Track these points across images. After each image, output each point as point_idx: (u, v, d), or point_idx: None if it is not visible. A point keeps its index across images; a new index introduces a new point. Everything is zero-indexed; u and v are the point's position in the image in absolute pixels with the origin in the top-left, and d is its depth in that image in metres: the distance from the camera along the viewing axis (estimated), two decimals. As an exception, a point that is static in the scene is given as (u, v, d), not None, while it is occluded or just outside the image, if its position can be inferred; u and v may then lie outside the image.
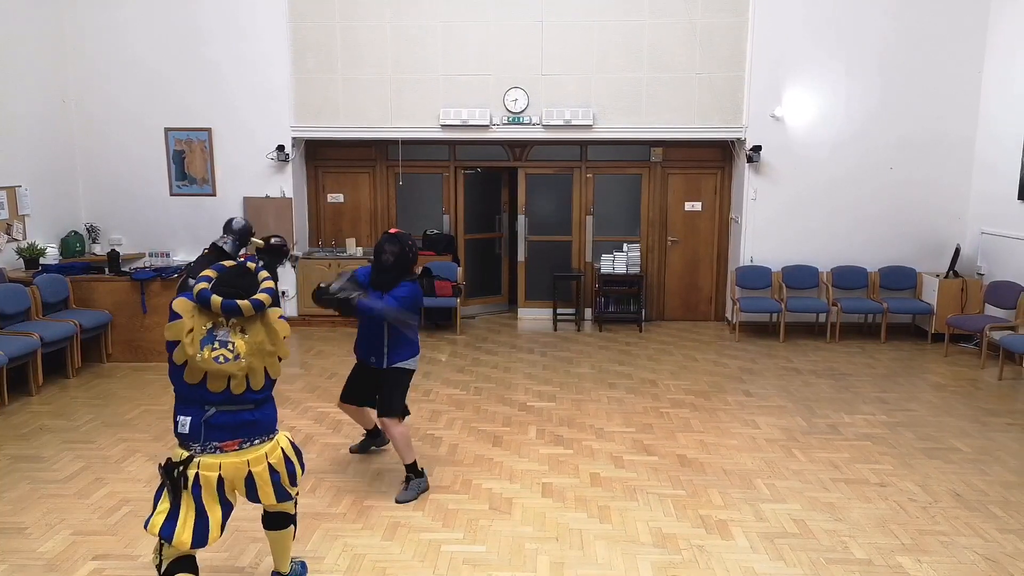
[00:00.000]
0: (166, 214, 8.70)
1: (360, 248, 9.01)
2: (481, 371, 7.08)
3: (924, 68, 8.13)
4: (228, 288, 2.96)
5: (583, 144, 9.02)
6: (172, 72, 8.45)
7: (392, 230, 4.41)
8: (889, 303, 8.11)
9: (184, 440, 2.97)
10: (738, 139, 8.53)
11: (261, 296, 2.98)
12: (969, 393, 6.43)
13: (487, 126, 8.41)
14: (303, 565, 3.55)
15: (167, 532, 2.89)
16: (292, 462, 3.16)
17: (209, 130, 8.57)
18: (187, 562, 3.00)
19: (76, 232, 8.35)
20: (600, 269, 8.87)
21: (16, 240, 7.54)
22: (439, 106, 8.43)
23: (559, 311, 8.99)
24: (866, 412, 5.91)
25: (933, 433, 5.45)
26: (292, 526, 3.36)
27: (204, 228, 8.65)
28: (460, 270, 8.84)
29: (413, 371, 4.49)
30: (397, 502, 4.29)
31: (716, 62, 8.30)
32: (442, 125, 8.43)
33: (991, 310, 7.59)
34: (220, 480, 2.95)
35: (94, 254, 8.35)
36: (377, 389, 4.47)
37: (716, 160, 9.03)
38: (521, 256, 9.39)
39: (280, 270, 8.50)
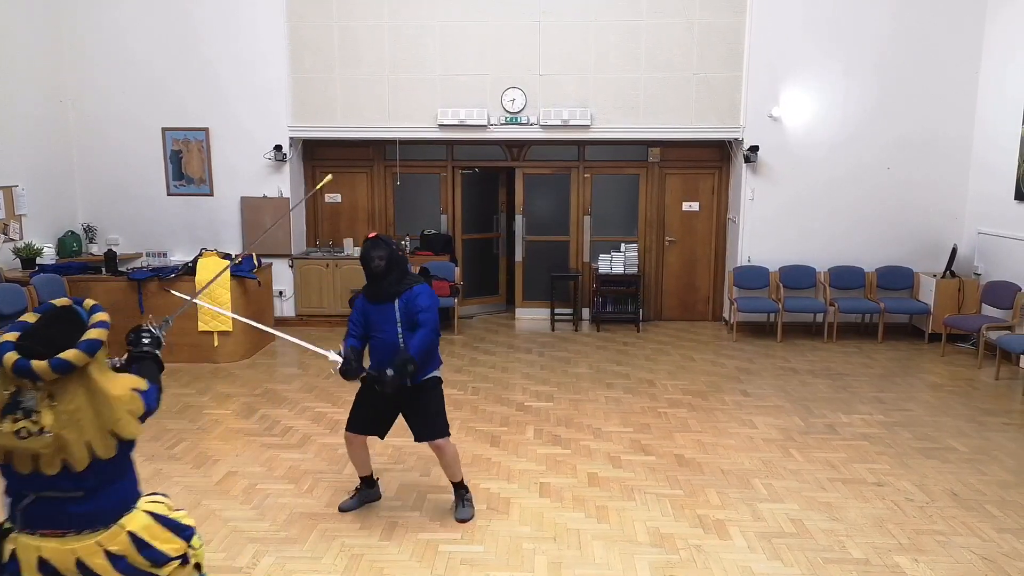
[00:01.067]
0: (163, 214, 8.68)
1: (358, 248, 8.99)
2: (479, 371, 7.08)
3: (921, 69, 8.14)
4: (36, 341, 2.29)
5: (581, 144, 9.02)
6: (169, 72, 8.43)
7: (372, 234, 3.94)
8: (886, 303, 8.12)
9: (6, 516, 2.46)
10: (736, 139, 8.53)
11: (70, 354, 2.26)
12: (966, 393, 6.44)
13: (485, 126, 8.41)
14: None
15: None
16: (150, 545, 2.50)
17: (206, 130, 8.56)
18: None
19: (73, 232, 8.33)
20: (598, 269, 8.87)
21: (13, 240, 7.52)
22: (437, 106, 8.43)
23: (557, 311, 8.98)
24: (863, 412, 5.92)
25: (930, 433, 5.46)
26: None
27: (201, 228, 8.67)
28: (458, 270, 8.84)
29: (440, 379, 4.07)
30: (463, 520, 4.07)
31: (714, 62, 8.30)
32: (440, 125, 8.42)
33: (988, 310, 7.60)
34: (43, 562, 2.40)
35: (91, 254, 8.33)
36: (395, 413, 4.01)
37: (714, 160, 9.03)
38: (519, 256, 9.39)
39: (284, 271, 8.37)
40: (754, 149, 8.28)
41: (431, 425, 3.98)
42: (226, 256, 7.41)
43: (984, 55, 8.03)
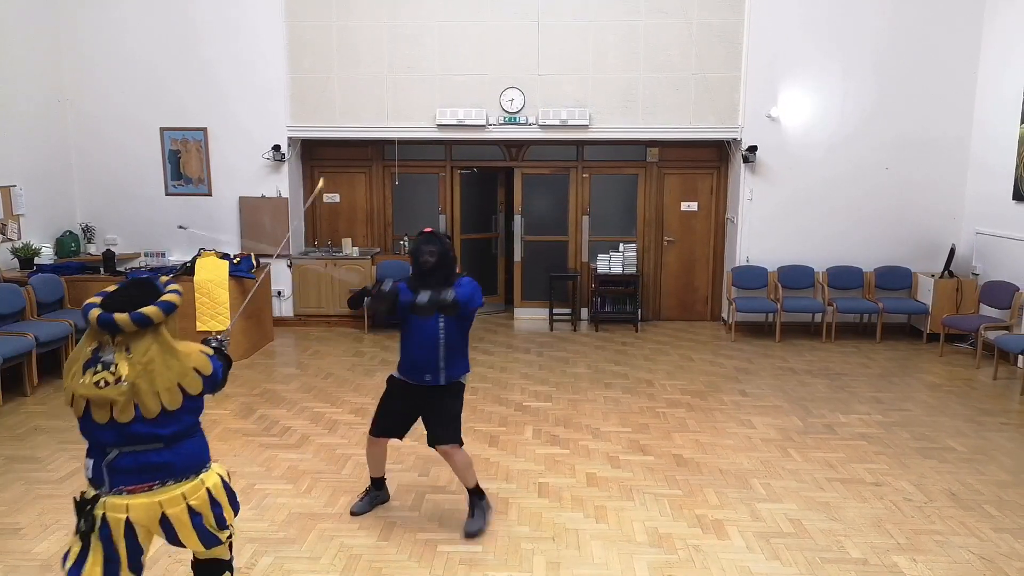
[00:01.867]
0: (162, 214, 8.67)
1: (356, 248, 8.99)
2: (477, 371, 7.07)
3: (920, 69, 8.15)
4: (119, 302, 2.55)
5: (579, 144, 9.02)
6: (168, 71, 8.43)
7: (428, 229, 3.90)
8: (884, 303, 8.12)
9: (91, 483, 2.65)
10: (734, 139, 8.53)
11: (148, 309, 2.51)
12: (964, 393, 6.45)
13: (483, 126, 8.40)
14: None
15: (74, 574, 2.59)
16: (220, 504, 2.75)
17: (205, 130, 8.55)
18: None
19: (71, 232, 8.33)
20: (596, 269, 8.87)
21: (11, 240, 7.51)
22: (435, 106, 8.43)
23: (555, 311, 8.98)
24: (861, 412, 5.92)
25: (928, 433, 5.46)
26: (228, 574, 2.95)
27: (200, 228, 8.65)
28: (456, 270, 8.82)
29: (464, 385, 4.05)
30: (470, 534, 3.91)
31: (712, 62, 8.31)
32: (438, 125, 8.42)
33: (986, 310, 7.61)
34: (129, 525, 2.59)
35: (89, 254, 8.33)
36: (416, 415, 3.97)
37: (712, 160, 9.04)
38: (517, 256, 9.39)
39: (282, 270, 8.36)
40: (752, 149, 8.29)
41: (447, 429, 3.90)
42: (224, 256, 7.40)
43: (982, 55, 8.04)
